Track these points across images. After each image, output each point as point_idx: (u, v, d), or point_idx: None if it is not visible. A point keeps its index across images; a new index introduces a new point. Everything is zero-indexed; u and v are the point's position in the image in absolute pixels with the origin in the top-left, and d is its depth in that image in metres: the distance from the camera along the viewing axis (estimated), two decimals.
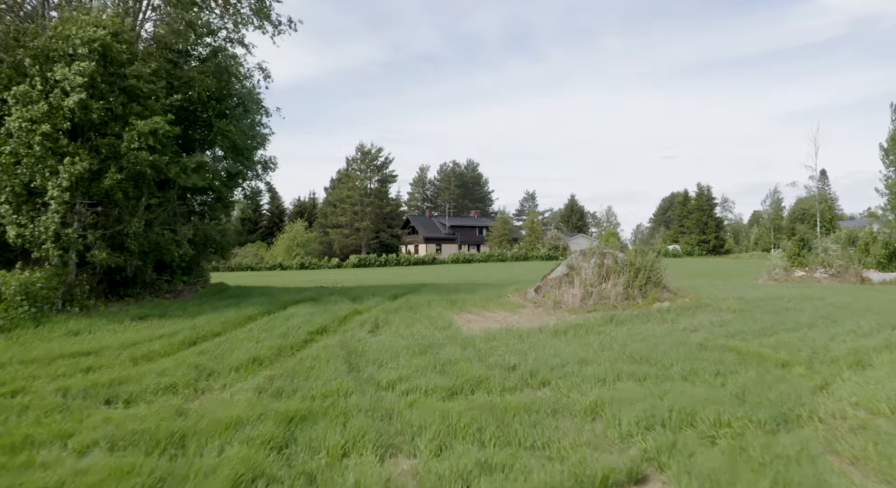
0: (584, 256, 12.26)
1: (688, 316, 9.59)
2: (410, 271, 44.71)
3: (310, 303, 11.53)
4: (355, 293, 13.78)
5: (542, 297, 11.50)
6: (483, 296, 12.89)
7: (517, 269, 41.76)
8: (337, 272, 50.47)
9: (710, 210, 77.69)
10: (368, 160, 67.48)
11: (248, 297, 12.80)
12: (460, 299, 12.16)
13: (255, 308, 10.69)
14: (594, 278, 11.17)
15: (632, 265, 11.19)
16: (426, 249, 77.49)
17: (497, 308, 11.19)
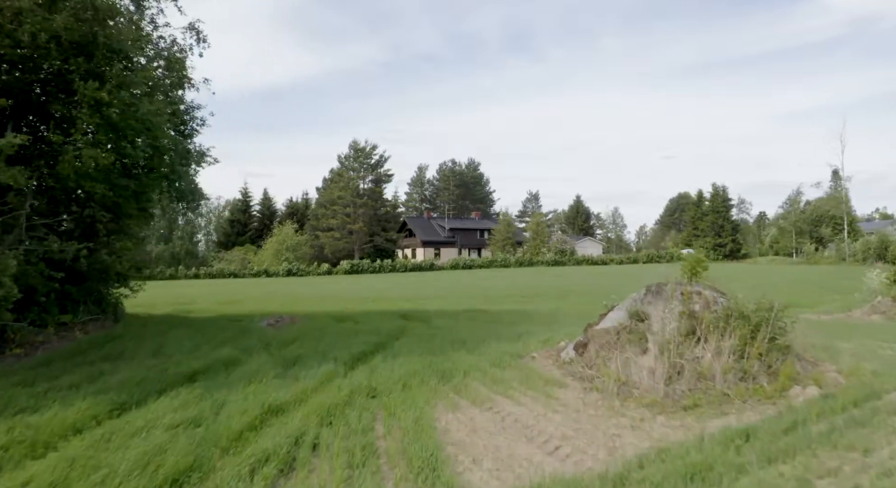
0: (654, 296, 7.71)
1: (874, 428, 5.10)
2: (404, 281, 40.24)
3: (203, 384, 6.97)
4: (299, 347, 9.19)
5: (591, 368, 7.01)
6: (494, 353, 8.33)
7: (526, 278, 37.17)
8: (325, 281, 45.93)
9: (726, 212, 73.14)
10: (362, 158, 62.93)
11: (131, 358, 8.29)
12: (458, 365, 7.60)
13: (99, 401, 6.13)
14: (679, 336, 6.73)
15: (743, 318, 6.68)
16: (424, 253, 72.97)
17: (520, 387, 6.64)
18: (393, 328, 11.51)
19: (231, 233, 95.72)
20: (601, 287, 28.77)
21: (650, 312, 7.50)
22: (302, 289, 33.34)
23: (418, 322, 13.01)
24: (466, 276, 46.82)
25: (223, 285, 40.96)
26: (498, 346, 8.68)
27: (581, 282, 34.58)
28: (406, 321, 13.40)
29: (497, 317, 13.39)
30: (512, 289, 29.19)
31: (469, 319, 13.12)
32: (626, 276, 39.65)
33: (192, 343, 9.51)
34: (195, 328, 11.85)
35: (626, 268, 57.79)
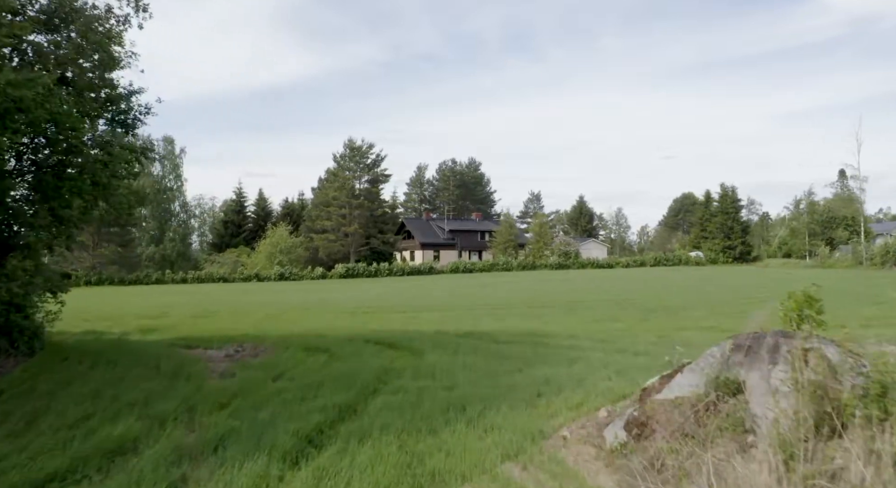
0: (748, 355, 5.14)
1: None
2: (399, 287, 37.68)
3: None
4: (234, 415, 6.62)
5: (659, 471, 4.49)
6: (507, 430, 5.76)
7: (530, 284, 34.55)
8: (317, 286, 43.40)
9: (736, 213, 70.57)
10: (358, 158, 60.33)
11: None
12: (454, 459, 5.05)
13: None
14: (802, 428, 4.23)
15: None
16: (422, 256, 70.42)
17: None
18: (373, 369, 8.94)
19: (225, 234, 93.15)
20: (613, 295, 26.23)
21: (746, 381, 4.97)
22: (289, 297, 30.79)
23: (408, 355, 10.44)
24: (467, 282, 44.26)
25: (208, 292, 38.41)
26: (511, 416, 6.11)
27: (590, 289, 32.07)
28: (393, 353, 10.83)
29: (505, 350, 10.81)
30: (516, 299, 26.64)
31: (471, 351, 10.55)
32: (637, 282, 37.07)
33: (90, 403, 6.95)
34: (119, 369, 9.28)
35: (633, 272, 55.26)
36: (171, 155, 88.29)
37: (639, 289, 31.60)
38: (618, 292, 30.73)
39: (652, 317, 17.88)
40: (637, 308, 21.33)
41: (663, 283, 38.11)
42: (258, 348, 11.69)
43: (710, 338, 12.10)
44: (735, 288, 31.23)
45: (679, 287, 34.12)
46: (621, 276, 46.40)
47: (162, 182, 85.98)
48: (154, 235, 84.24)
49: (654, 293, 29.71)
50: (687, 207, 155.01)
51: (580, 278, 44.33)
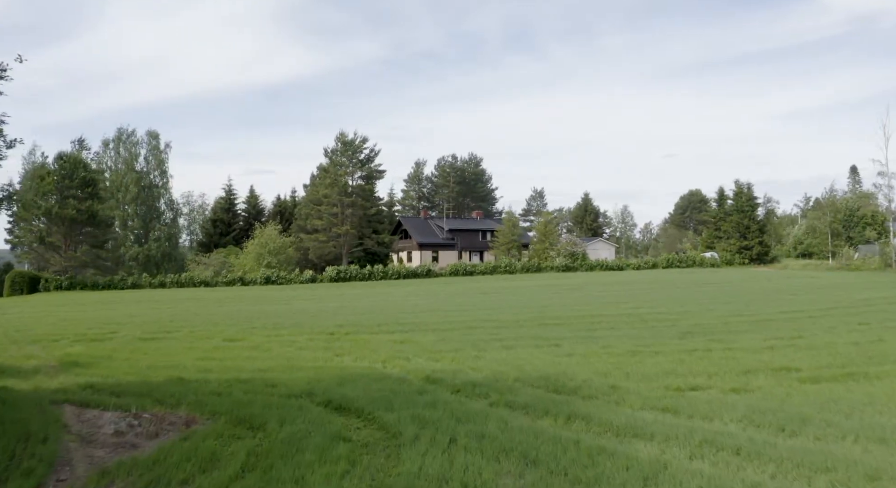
0: None
1: None
2: (392, 295, 34.09)
3: None
4: None
5: None
6: None
7: (538, 290, 30.90)
8: (302, 292, 39.83)
9: (752, 211, 66.92)
10: (350, 152, 56.59)
11: None
12: None
13: None
14: None
15: None
16: (420, 257, 66.84)
17: None
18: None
19: (214, 233, 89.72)
20: (634, 307, 22.64)
21: None
22: (264, 308, 27.20)
23: (374, 449, 6.85)
24: (467, 287, 40.67)
25: (181, 300, 34.83)
26: None
27: (606, 298, 28.48)
28: (354, 440, 7.23)
29: (527, 429, 7.26)
30: (527, 311, 23.09)
31: (475, 439, 6.94)
32: (655, 288, 33.37)
33: None
34: None
35: (646, 275, 51.65)
36: (156, 150, 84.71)
37: (661, 299, 28.02)
38: (638, 302, 27.12)
39: (694, 343, 14.36)
40: (668, 326, 17.79)
41: (685, 290, 34.49)
42: (164, 421, 8.08)
43: (805, 399, 8.49)
44: (769, 296, 27.63)
45: (705, 295, 30.52)
46: (635, 281, 42.79)
47: (147, 178, 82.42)
48: (138, 234, 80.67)
49: (680, 303, 26.14)
50: (694, 205, 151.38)
51: (592, 284, 40.72)
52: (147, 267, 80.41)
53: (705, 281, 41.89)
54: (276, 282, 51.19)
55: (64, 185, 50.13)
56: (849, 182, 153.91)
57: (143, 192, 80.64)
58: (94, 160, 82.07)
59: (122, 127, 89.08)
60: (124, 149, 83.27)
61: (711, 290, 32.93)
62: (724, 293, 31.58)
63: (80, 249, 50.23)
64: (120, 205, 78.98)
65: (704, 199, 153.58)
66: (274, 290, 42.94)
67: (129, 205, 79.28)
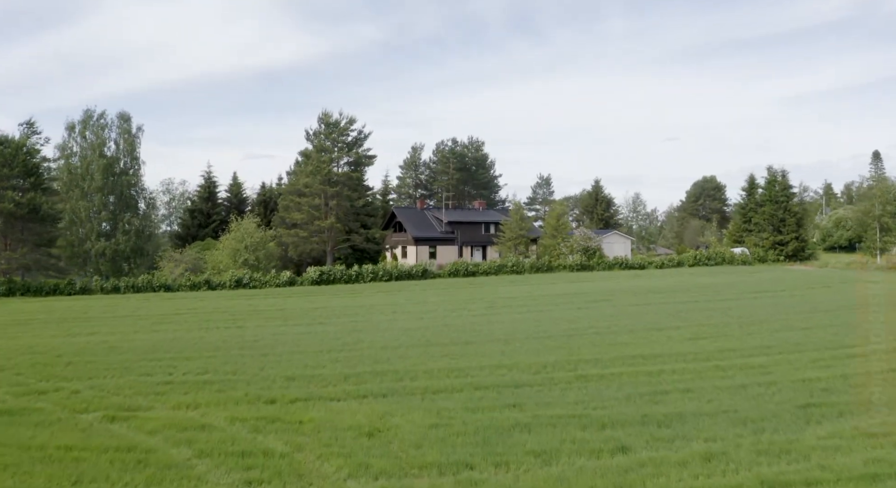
0: None
1: None
2: (376, 308, 28.04)
3: None
4: None
5: None
6: None
7: (553, 303, 24.63)
8: (274, 301, 33.79)
9: (787, 202, 60.71)
10: (336, 135, 50.24)
11: None
12: None
13: None
14: None
15: None
16: (416, 253, 60.78)
17: None
18: None
19: (192, 224, 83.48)
20: (687, 335, 16.49)
21: None
22: (209, 335, 21.16)
23: None
24: (470, 296, 34.62)
25: (114, 319, 28.74)
26: None
27: (644, 315, 22.49)
28: None
29: None
30: (551, 348, 17.13)
31: None
32: (697, 299, 26.97)
33: None
34: None
35: (675, 276, 45.56)
36: (127, 134, 78.14)
37: (713, 321, 21.95)
38: (686, 325, 21.09)
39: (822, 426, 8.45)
40: (766, 389, 11.85)
41: (735, 301, 28.40)
42: None
43: None
44: (848, 315, 21.47)
45: (764, 310, 24.44)
46: (670, 288, 36.68)
47: (116, 165, 75.94)
48: (106, 228, 74.40)
49: (742, 327, 20.07)
50: (708, 192, 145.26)
51: (620, 292, 34.59)
52: (115, 263, 74.04)
53: (755, 286, 35.77)
54: (248, 286, 45.13)
55: (2, 174, 43.85)
56: (871, 168, 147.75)
57: (110, 181, 74.25)
58: (59, 146, 75.66)
59: (89, 108, 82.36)
60: (91, 133, 76.73)
61: (766, 301, 26.74)
62: (784, 305, 25.49)
63: (21, 249, 44.10)
64: (86, 195, 72.74)
65: (719, 186, 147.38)
66: (240, 299, 36.87)
67: (96, 196, 72.90)
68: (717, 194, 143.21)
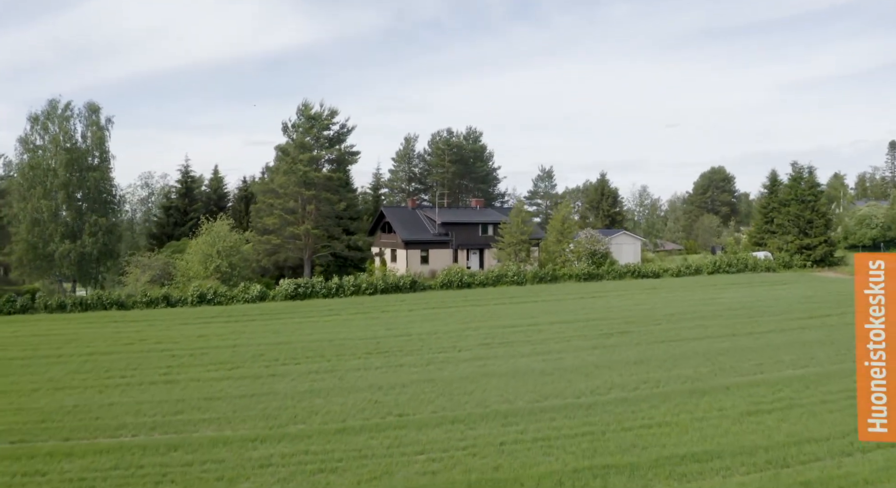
0: None
1: None
2: (347, 342, 23.07)
3: None
4: None
5: None
6: None
7: (564, 332, 19.40)
8: (244, 317, 28.87)
9: (815, 201, 55.63)
10: (316, 130, 45.03)
11: None
12: None
13: None
14: None
15: None
16: (407, 257, 55.77)
17: None
18: None
19: (167, 223, 78.21)
20: (747, 411, 11.34)
21: None
22: (111, 398, 16.29)
23: None
24: (464, 320, 29.65)
25: (38, 358, 23.78)
26: None
27: (679, 366, 17.53)
28: None
29: None
30: (564, 415, 12.48)
31: None
32: (751, 331, 21.73)
33: None
34: None
35: (697, 288, 40.60)
36: (95, 126, 72.71)
37: (766, 372, 17.06)
38: (734, 381, 16.19)
39: None
40: None
41: (783, 333, 23.44)
42: None
43: None
44: None
45: (831, 350, 19.48)
46: (693, 308, 31.66)
47: (82, 160, 70.62)
48: (71, 228, 69.24)
49: (812, 385, 15.12)
50: (717, 184, 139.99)
51: (640, 320, 29.59)
52: (82, 267, 68.87)
53: (798, 306, 30.72)
54: (212, 302, 40.14)
55: None
56: (887, 159, 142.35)
57: (75, 177, 68.99)
58: (21, 140, 70.26)
59: (54, 98, 76.71)
60: (55, 125, 71.34)
61: (837, 336, 21.40)
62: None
63: None
64: (49, 192, 67.56)
65: (728, 178, 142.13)
66: (195, 323, 31.89)
67: (59, 193, 67.72)
68: (725, 186, 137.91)
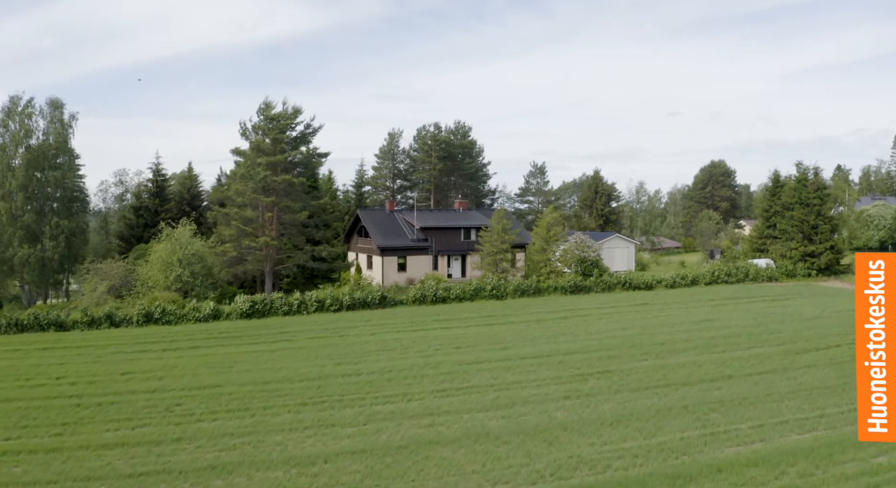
0: None
1: None
2: (280, 389, 19.69)
3: None
4: None
5: None
6: None
7: (538, 377, 16.29)
8: (186, 342, 25.51)
9: (821, 205, 52.17)
10: (277, 131, 41.42)
11: None
12: None
13: None
14: None
15: None
16: (383, 266, 52.41)
17: None
18: None
19: (137, 224, 74.65)
20: None
21: None
22: None
23: None
24: (427, 351, 26.24)
25: None
26: None
27: (667, 427, 14.23)
28: None
29: None
30: None
31: None
32: (740, 372, 18.40)
33: None
34: None
35: (692, 304, 37.25)
36: (58, 123, 69.06)
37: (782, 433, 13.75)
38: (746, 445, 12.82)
39: None
40: None
41: (802, 371, 19.99)
42: None
43: None
44: None
45: None
46: (687, 332, 28.24)
47: (43, 159, 67.00)
48: (32, 231, 65.74)
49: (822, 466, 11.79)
50: (717, 178, 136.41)
51: (622, 350, 26.16)
52: (43, 273, 65.57)
53: (808, 331, 27.29)
54: (160, 321, 36.76)
55: None
56: (893, 152, 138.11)
57: (35, 178, 65.49)
58: None
59: (15, 94, 72.74)
60: (14, 122, 67.65)
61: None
62: None
63: None
64: (8, 194, 64.09)
65: (728, 172, 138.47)
66: (124, 353, 28.48)
67: (18, 194, 64.22)
68: (725, 180, 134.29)
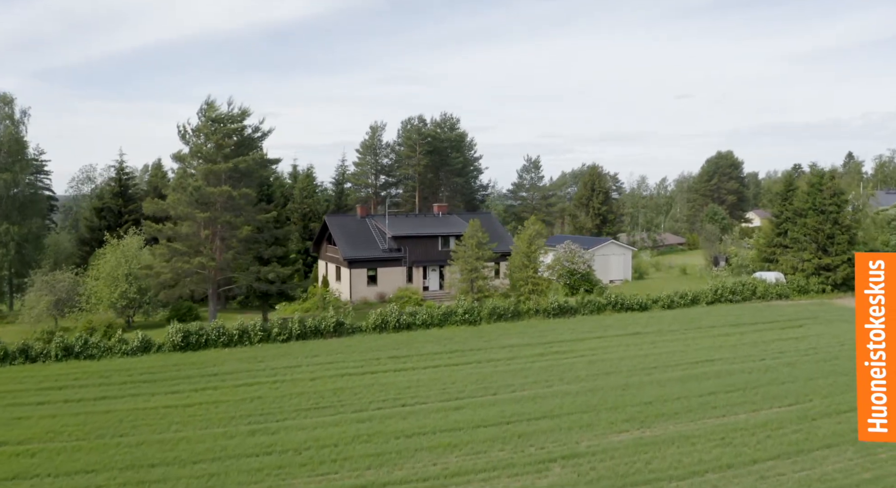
0: None
1: None
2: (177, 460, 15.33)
3: None
4: None
5: None
6: None
7: (506, 448, 12.51)
8: (103, 383, 21.28)
9: (838, 212, 47.32)
10: (220, 134, 36.74)
11: None
12: None
13: None
14: None
15: None
16: (350, 279, 47.96)
17: None
18: None
19: (99, 226, 70.14)
20: None
21: None
22: None
23: None
24: (373, 407, 21.84)
25: None
26: None
27: None
28: None
29: None
30: None
31: None
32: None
33: None
34: None
35: (691, 336, 32.79)
36: (9, 120, 64.47)
37: None
38: None
39: None
40: None
41: (827, 454, 15.61)
42: None
43: None
44: None
45: None
46: (682, 384, 23.70)
47: None
48: None
49: None
50: (723, 170, 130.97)
51: (600, 413, 21.68)
52: None
53: (827, 389, 22.78)
54: (81, 355, 32.50)
55: None
56: None
57: None
58: None
59: None
60: None
61: None
62: None
63: None
64: None
65: (735, 163, 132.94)
66: (15, 409, 24.15)
67: None
68: (733, 172, 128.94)
